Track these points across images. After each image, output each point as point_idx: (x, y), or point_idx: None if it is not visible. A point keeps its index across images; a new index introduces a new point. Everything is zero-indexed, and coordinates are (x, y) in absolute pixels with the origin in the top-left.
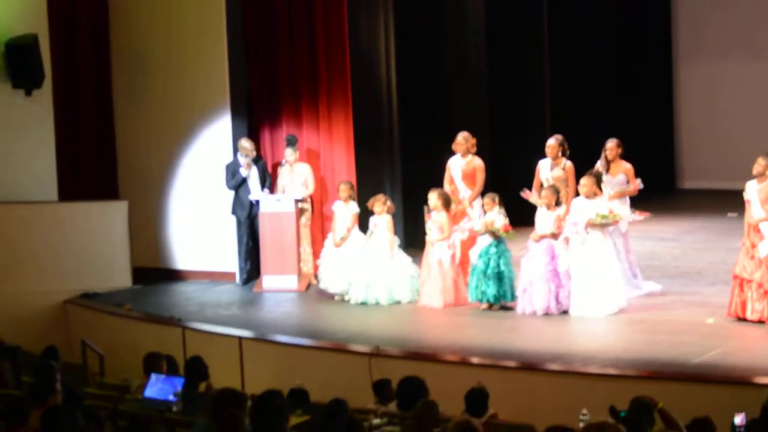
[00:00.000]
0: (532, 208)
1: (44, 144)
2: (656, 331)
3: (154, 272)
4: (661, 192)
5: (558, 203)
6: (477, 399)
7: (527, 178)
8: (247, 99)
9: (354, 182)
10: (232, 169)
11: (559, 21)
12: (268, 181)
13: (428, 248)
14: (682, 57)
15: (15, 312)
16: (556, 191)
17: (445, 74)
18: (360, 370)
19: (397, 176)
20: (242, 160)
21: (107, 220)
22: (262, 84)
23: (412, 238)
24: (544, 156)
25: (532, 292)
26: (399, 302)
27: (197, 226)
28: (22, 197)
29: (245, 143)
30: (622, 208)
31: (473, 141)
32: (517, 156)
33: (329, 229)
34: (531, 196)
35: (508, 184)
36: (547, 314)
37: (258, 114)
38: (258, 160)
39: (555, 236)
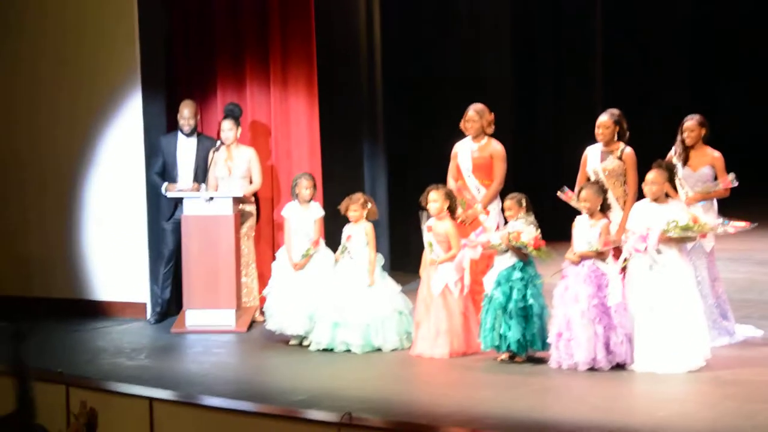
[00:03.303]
0: (576, 216)
1: None
2: (755, 399)
3: (24, 303)
4: (765, 193)
5: (605, 207)
6: None
7: (569, 172)
8: (165, 51)
9: (318, 175)
10: (150, 152)
11: None
12: (202, 173)
13: (427, 272)
14: None
15: None
16: (602, 190)
17: (452, 22)
18: None
19: (381, 166)
20: (179, 143)
21: None
22: (185, 29)
23: (402, 257)
24: (593, 140)
25: (570, 338)
26: (380, 350)
27: (88, 237)
28: None
29: (184, 108)
30: (708, 216)
31: (490, 117)
32: (554, 139)
33: (281, 243)
34: (573, 197)
35: (541, 179)
36: (593, 369)
37: (180, 74)
38: (200, 136)
39: (602, 255)
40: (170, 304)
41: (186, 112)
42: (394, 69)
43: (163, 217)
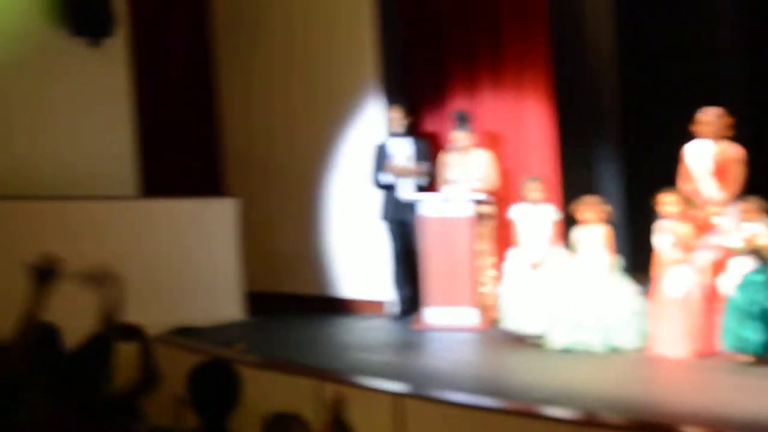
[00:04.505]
0: None
1: (116, 115)
2: None
3: (276, 300)
4: None
5: None
6: None
7: None
8: (401, 60)
9: (555, 177)
10: (379, 158)
11: None
12: (429, 168)
13: (664, 273)
14: None
15: None
16: None
17: (686, 24)
18: None
19: (615, 168)
20: (392, 144)
21: (209, 226)
22: (419, 39)
23: (639, 259)
24: None
25: None
26: (619, 349)
27: (334, 237)
28: (86, 190)
29: (392, 112)
30: None
31: (727, 121)
32: None
33: (512, 243)
34: None
35: None
36: None
37: (415, 81)
38: (417, 137)
39: None
40: (408, 302)
41: (396, 115)
42: (630, 70)
43: (385, 217)
